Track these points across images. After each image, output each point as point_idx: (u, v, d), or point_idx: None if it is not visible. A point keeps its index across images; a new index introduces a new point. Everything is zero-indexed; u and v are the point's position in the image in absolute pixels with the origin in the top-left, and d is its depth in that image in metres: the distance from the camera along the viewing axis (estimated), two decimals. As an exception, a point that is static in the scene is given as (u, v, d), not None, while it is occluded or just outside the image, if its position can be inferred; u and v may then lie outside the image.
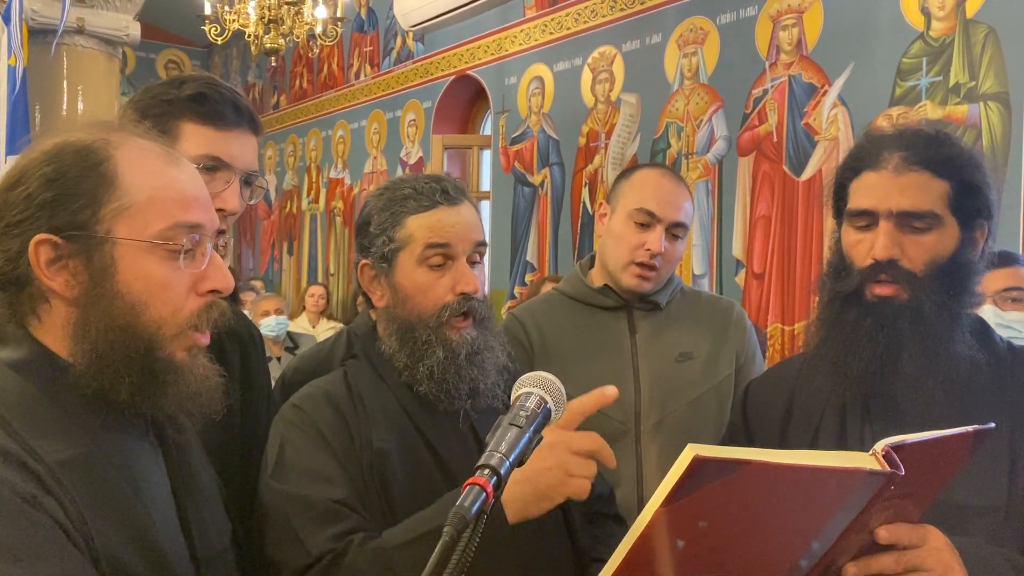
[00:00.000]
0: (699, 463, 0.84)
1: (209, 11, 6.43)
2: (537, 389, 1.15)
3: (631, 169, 2.18)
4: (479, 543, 0.88)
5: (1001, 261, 2.42)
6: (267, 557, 1.35)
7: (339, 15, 6.57)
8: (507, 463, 1.01)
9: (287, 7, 6.27)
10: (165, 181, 1.07)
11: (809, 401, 1.50)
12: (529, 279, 6.07)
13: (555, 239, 6.08)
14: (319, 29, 6.44)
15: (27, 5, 4.74)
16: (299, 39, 6.65)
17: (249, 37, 6.50)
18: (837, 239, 1.50)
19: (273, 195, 9.80)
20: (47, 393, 1.02)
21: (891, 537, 1.09)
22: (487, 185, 6.92)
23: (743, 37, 4.87)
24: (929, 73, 4.01)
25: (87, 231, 1.02)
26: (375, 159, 8.11)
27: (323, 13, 6.43)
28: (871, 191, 1.40)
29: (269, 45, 6.40)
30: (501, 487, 0.99)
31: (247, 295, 6.43)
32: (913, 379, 1.36)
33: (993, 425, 1.10)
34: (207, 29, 6.52)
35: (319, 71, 8.98)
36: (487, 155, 7.01)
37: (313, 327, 6.95)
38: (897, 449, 0.98)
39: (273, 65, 9.66)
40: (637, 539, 0.90)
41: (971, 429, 1.07)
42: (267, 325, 5.61)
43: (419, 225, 1.46)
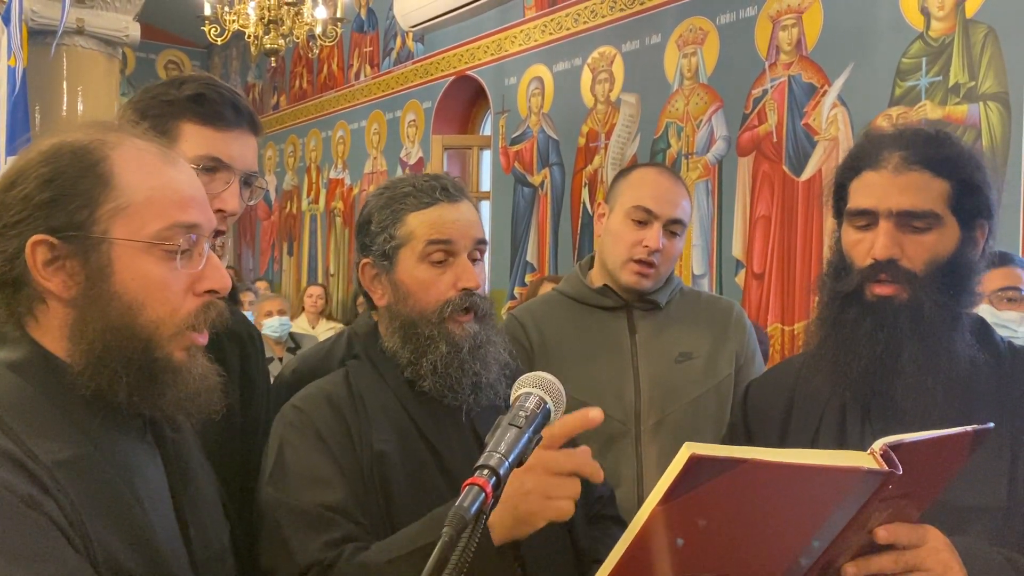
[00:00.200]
0: (696, 462, 0.84)
1: (209, 12, 6.43)
2: (536, 389, 1.15)
3: (628, 168, 2.18)
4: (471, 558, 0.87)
5: (998, 261, 2.42)
6: (260, 563, 1.35)
7: (339, 15, 6.57)
8: (506, 463, 1.01)
9: (287, 7, 6.28)
10: (162, 181, 1.07)
11: (809, 401, 1.50)
12: (529, 279, 6.06)
13: (555, 239, 6.07)
14: (319, 29, 6.45)
15: (27, 6, 4.74)
16: (299, 39, 6.65)
17: (249, 38, 6.50)
18: (837, 239, 1.49)
19: (273, 196, 9.80)
20: (45, 393, 1.02)
21: (890, 537, 1.09)
22: (487, 185, 6.91)
23: (743, 37, 4.87)
24: (929, 73, 4.01)
25: (84, 231, 1.02)
26: (375, 159, 8.11)
27: (323, 13, 6.43)
28: (871, 191, 1.40)
29: (269, 46, 6.41)
30: (500, 487, 0.99)
31: (246, 295, 6.44)
32: (913, 379, 1.36)
33: (992, 425, 1.10)
34: (207, 30, 6.53)
35: (319, 71, 8.98)
36: (487, 155, 7.01)
37: (312, 327, 6.95)
38: (895, 448, 0.98)
39: (273, 66, 9.65)
40: (634, 538, 0.90)
41: (970, 429, 1.07)
42: (270, 326, 5.61)
43: (420, 222, 1.46)
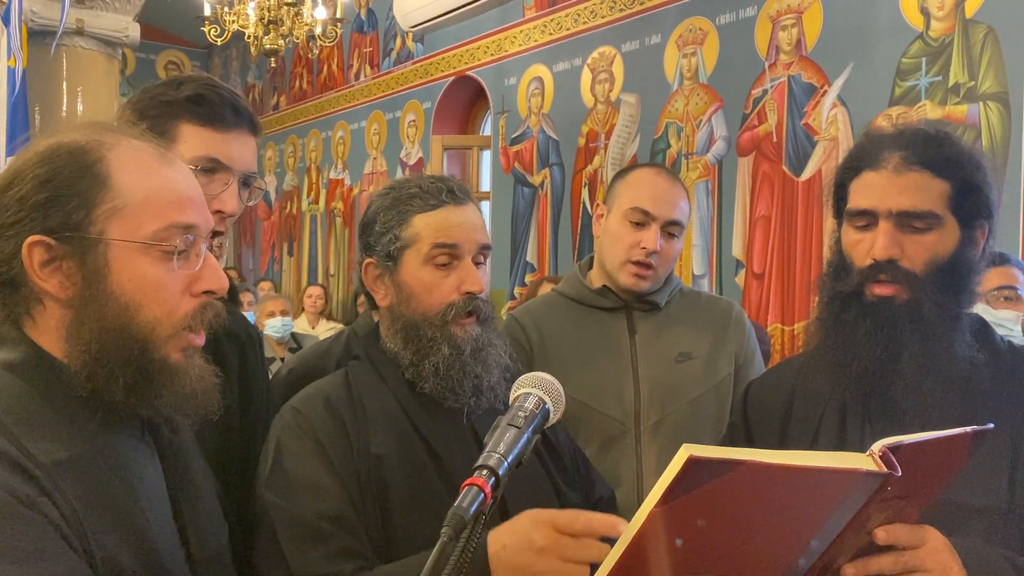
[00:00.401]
0: (694, 463, 0.84)
1: (209, 12, 6.43)
2: (536, 390, 1.15)
3: (626, 169, 2.18)
4: None
5: (996, 260, 2.43)
6: (256, 567, 1.34)
7: (338, 16, 6.57)
8: (505, 463, 1.02)
9: (286, 8, 6.27)
10: (159, 182, 1.07)
11: (809, 401, 1.50)
12: (529, 280, 6.06)
13: (555, 239, 6.07)
14: (319, 30, 6.44)
15: (26, 6, 4.73)
16: (299, 40, 6.65)
17: (249, 38, 6.50)
18: (837, 239, 1.49)
19: (273, 196, 9.79)
20: (42, 394, 1.01)
21: (890, 538, 1.09)
22: (487, 185, 6.91)
23: (742, 37, 4.87)
24: (929, 73, 4.01)
25: (80, 232, 1.02)
26: (375, 160, 8.10)
27: (323, 14, 6.43)
28: (871, 191, 1.40)
29: (269, 46, 6.40)
30: (499, 488, 0.99)
31: (245, 296, 6.43)
32: (913, 379, 1.35)
33: (992, 425, 1.10)
34: (207, 30, 6.53)
35: (319, 72, 8.98)
36: (487, 156, 7.00)
37: (312, 328, 6.95)
38: (894, 450, 0.98)
39: (273, 66, 9.65)
40: (632, 539, 0.90)
41: (969, 430, 1.06)
42: (272, 326, 5.61)
43: (426, 224, 1.46)
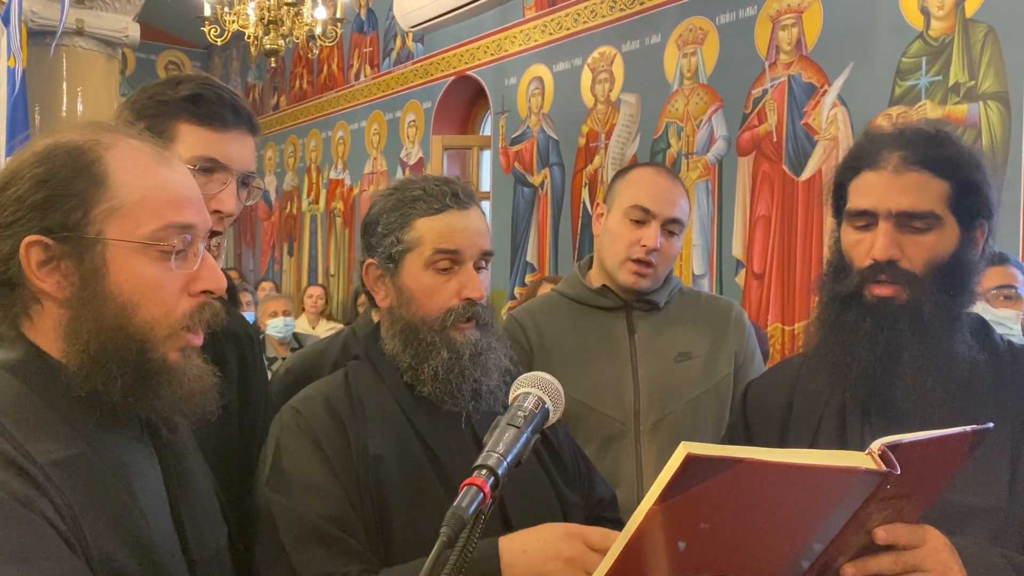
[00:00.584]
0: (692, 461, 0.84)
1: (209, 12, 6.43)
2: (535, 389, 1.15)
3: (627, 168, 2.18)
4: None
5: (995, 260, 2.44)
6: (256, 566, 1.34)
7: (339, 16, 6.57)
8: (504, 463, 1.01)
9: (286, 8, 6.27)
10: (157, 181, 1.07)
11: (809, 401, 1.49)
12: (529, 279, 6.06)
13: (555, 239, 6.07)
14: (319, 30, 6.44)
15: (26, 6, 4.73)
16: (299, 40, 6.65)
17: (249, 38, 6.50)
18: (836, 239, 1.49)
19: (273, 196, 9.80)
20: (40, 394, 1.01)
21: (889, 537, 1.09)
22: (487, 185, 6.91)
23: (742, 37, 4.87)
24: (929, 72, 4.01)
25: (78, 232, 1.02)
26: (375, 160, 8.11)
27: (323, 14, 6.43)
28: (870, 191, 1.39)
29: (269, 46, 6.40)
30: (499, 488, 0.99)
31: (243, 296, 6.42)
32: (913, 380, 1.35)
33: (991, 425, 1.09)
34: (207, 30, 6.53)
35: (319, 72, 8.98)
36: (487, 156, 7.00)
37: (313, 328, 6.95)
38: (893, 448, 0.97)
39: (273, 66, 9.65)
40: (631, 538, 0.90)
41: (969, 429, 1.06)
42: (274, 326, 5.60)
43: (428, 228, 1.45)
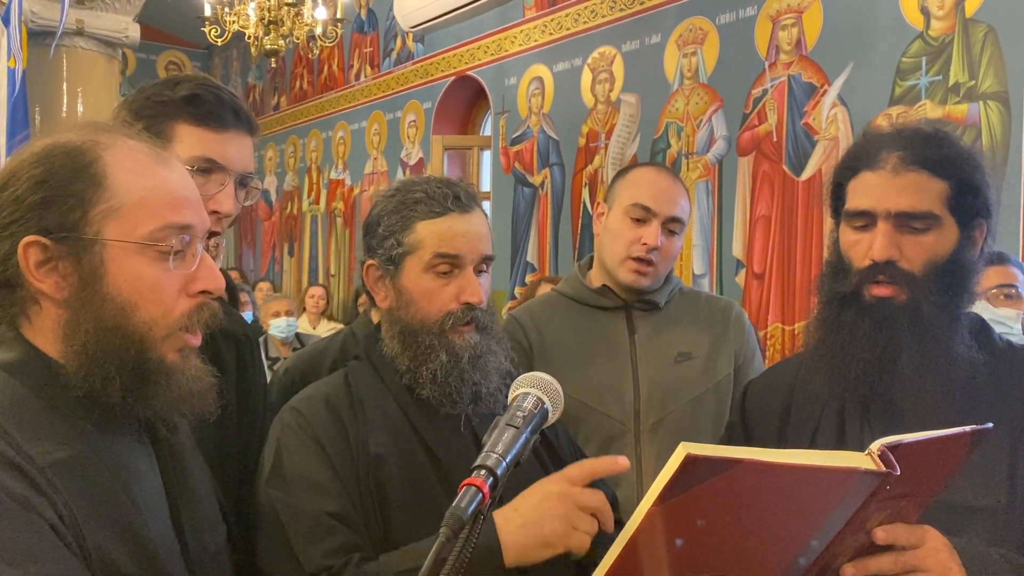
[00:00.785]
0: (691, 462, 0.84)
1: (209, 12, 6.43)
2: (534, 390, 1.15)
3: (627, 168, 2.19)
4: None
5: (994, 259, 2.44)
6: (259, 564, 1.34)
7: (339, 16, 6.58)
8: (504, 463, 1.01)
9: (287, 8, 6.28)
10: (155, 182, 1.07)
11: (808, 402, 1.49)
12: (529, 279, 6.06)
13: (555, 239, 6.07)
14: (319, 30, 6.45)
15: (26, 7, 4.74)
16: (299, 40, 6.65)
17: (249, 38, 6.50)
18: (835, 239, 1.48)
19: (274, 196, 9.80)
20: (39, 394, 1.01)
21: (889, 538, 1.09)
22: (487, 186, 6.92)
23: (742, 37, 4.87)
24: (929, 72, 4.01)
25: (76, 232, 1.02)
26: (375, 160, 8.11)
27: (323, 14, 6.43)
28: (869, 191, 1.39)
29: (269, 46, 6.41)
30: (498, 488, 0.99)
31: (242, 295, 6.42)
32: (912, 380, 1.35)
33: (991, 425, 1.09)
34: (207, 31, 6.53)
35: (319, 72, 8.98)
36: (487, 156, 7.01)
37: (313, 328, 6.95)
38: (893, 449, 0.97)
39: (273, 66, 9.65)
40: (630, 538, 0.90)
41: (968, 429, 1.06)
42: (277, 326, 5.60)
43: (429, 232, 1.45)
